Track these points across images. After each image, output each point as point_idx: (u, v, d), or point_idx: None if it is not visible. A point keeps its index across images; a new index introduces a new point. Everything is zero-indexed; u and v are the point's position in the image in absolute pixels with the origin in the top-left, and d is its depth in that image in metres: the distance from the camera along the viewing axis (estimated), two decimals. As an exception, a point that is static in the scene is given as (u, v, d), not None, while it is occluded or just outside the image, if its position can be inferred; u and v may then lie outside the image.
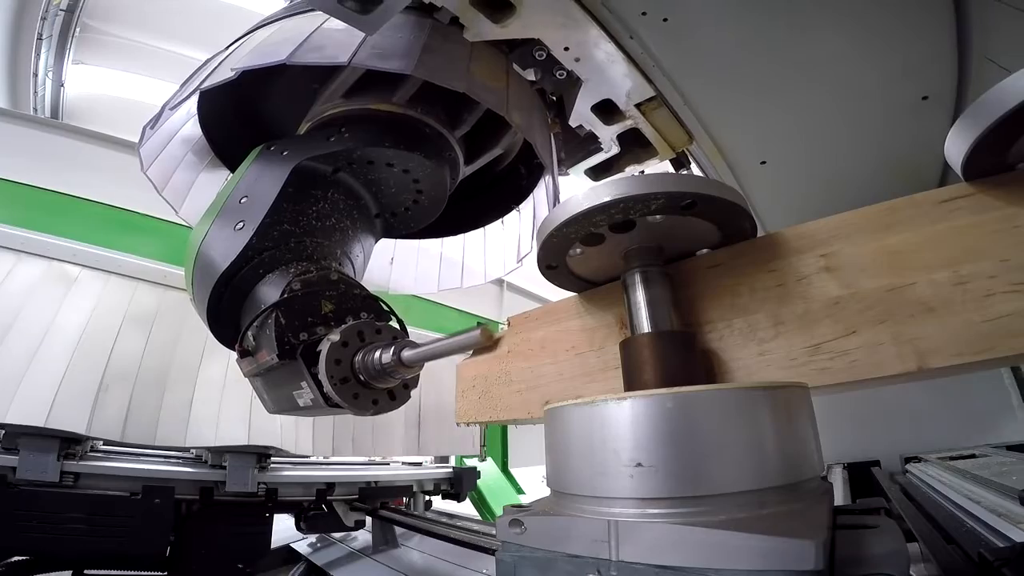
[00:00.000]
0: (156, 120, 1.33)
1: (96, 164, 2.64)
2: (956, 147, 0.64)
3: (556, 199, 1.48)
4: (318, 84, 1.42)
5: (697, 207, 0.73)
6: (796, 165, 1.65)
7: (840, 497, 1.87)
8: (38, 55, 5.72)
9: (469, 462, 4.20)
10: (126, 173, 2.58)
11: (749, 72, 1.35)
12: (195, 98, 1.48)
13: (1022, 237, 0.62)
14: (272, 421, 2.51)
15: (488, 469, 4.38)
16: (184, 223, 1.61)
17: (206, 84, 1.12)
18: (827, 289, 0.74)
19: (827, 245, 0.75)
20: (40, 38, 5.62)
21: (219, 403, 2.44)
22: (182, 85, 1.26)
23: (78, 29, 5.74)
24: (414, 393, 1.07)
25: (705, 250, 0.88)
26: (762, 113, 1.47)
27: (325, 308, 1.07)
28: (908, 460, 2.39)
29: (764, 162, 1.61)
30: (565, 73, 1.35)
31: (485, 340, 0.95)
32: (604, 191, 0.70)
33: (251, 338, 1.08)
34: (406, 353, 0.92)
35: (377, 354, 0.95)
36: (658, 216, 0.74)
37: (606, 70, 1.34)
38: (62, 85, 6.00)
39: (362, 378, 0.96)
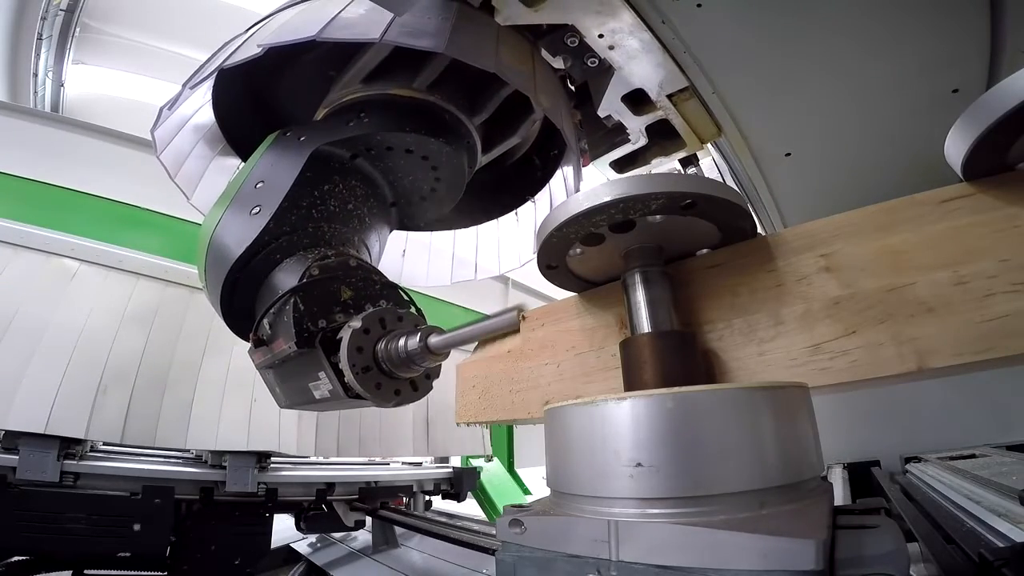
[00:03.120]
0: (175, 101, 1.31)
1: (96, 158, 2.62)
2: (956, 147, 0.64)
3: (578, 187, 1.46)
4: (335, 71, 1.41)
5: (697, 207, 0.73)
6: (822, 158, 1.63)
7: (840, 497, 1.87)
8: (38, 55, 5.72)
9: (474, 462, 4.19)
10: (126, 167, 2.58)
11: (780, 61, 1.32)
12: (210, 85, 1.46)
13: (1022, 237, 0.62)
14: (274, 422, 2.50)
15: (494, 469, 4.37)
16: (185, 218, 1.59)
17: (230, 62, 1.09)
18: (827, 289, 0.74)
19: (827, 245, 0.75)
20: (40, 38, 5.61)
21: (220, 404, 2.43)
22: (203, 64, 1.23)
23: (78, 29, 5.74)
24: (422, 391, 1.05)
25: (705, 250, 0.88)
26: (789, 104, 1.45)
27: (344, 294, 1.04)
28: (908, 460, 2.39)
29: (789, 154, 1.58)
30: (597, 61, 1.32)
31: (521, 323, 0.92)
32: (604, 191, 0.70)
33: (267, 326, 1.05)
34: (433, 339, 0.89)
35: (402, 341, 0.92)
36: (658, 216, 0.74)
37: (640, 59, 1.31)
38: (62, 85, 6.00)
39: (385, 367, 0.93)
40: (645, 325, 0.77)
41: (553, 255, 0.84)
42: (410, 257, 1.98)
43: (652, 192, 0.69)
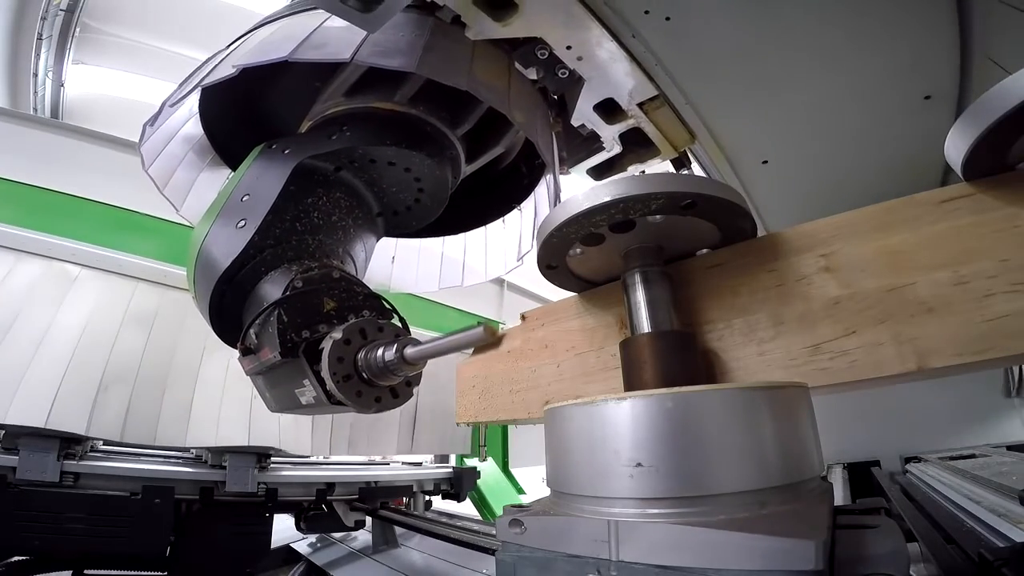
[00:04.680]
0: (156, 118, 1.32)
1: (96, 163, 2.64)
2: (956, 147, 0.64)
3: (557, 198, 1.48)
4: (320, 82, 1.42)
5: (697, 207, 0.73)
6: (798, 165, 1.65)
7: (840, 497, 1.87)
8: (38, 55, 5.73)
9: (470, 462, 4.20)
10: (126, 172, 2.58)
11: (751, 71, 1.34)
12: (197, 96, 1.48)
13: (1022, 237, 0.62)
14: (272, 421, 2.51)
15: (489, 469, 4.38)
16: (185, 223, 1.60)
17: (207, 81, 1.11)
18: (827, 289, 0.74)
19: (827, 245, 0.75)
20: (40, 38, 5.62)
21: (219, 403, 2.44)
22: (183, 82, 1.26)
23: (78, 29, 5.75)
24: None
25: (705, 250, 0.88)
26: (764, 112, 1.47)
27: (327, 306, 1.07)
28: (908, 460, 2.39)
29: (766, 161, 1.61)
30: (567, 72, 1.35)
31: (488, 337, 0.94)
32: (604, 191, 0.70)
33: (253, 336, 1.09)
34: (409, 350, 0.92)
35: (380, 351, 0.95)
36: (658, 216, 0.74)
37: (608, 69, 1.34)
38: (62, 85, 6.01)
39: (365, 376, 0.97)
40: (645, 325, 0.77)
41: (553, 255, 0.84)
42: (399, 263, 2.01)
43: (652, 192, 0.69)
